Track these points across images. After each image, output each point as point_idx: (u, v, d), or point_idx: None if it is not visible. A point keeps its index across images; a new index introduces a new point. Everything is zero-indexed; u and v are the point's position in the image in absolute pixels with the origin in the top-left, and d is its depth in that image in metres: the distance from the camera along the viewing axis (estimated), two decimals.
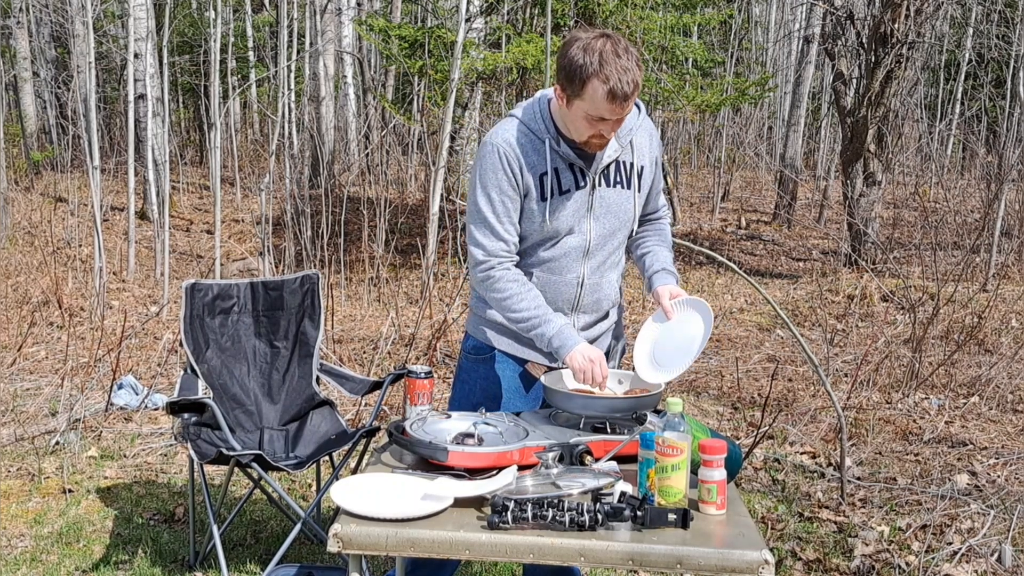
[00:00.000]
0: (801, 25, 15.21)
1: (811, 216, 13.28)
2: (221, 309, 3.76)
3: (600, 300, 2.66)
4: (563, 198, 2.51)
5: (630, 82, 2.30)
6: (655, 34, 9.76)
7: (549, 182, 2.49)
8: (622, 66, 2.29)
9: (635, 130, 2.56)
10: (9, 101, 15.36)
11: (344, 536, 1.94)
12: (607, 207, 2.56)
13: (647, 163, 2.61)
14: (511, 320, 2.56)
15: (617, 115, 2.35)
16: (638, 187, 2.60)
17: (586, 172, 2.52)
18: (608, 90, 2.28)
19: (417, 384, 2.45)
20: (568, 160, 2.50)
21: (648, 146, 2.61)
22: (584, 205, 2.53)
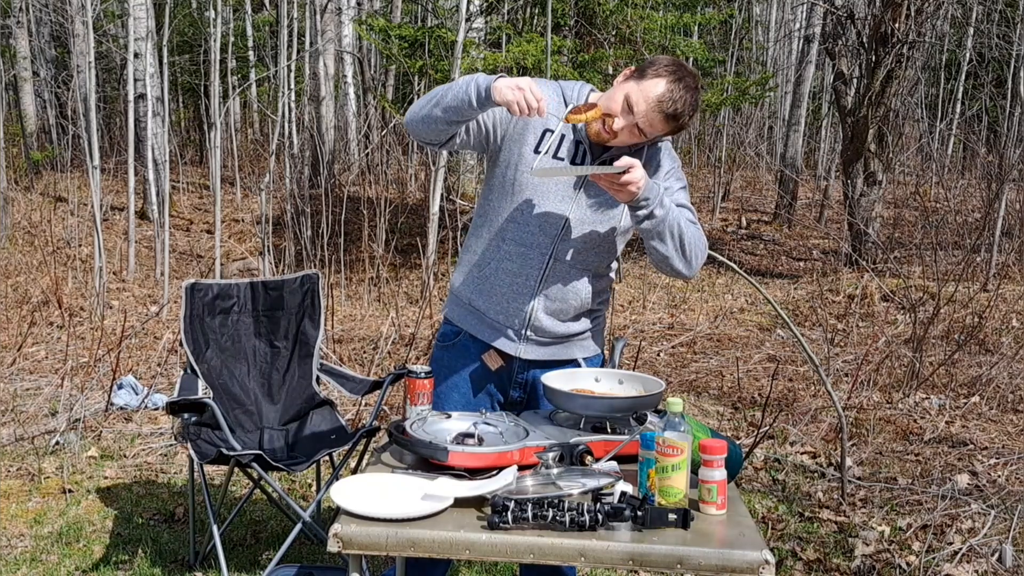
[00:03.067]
0: (801, 25, 15.20)
1: (811, 216, 13.27)
2: (221, 309, 3.76)
3: (568, 295, 2.55)
4: (555, 162, 2.49)
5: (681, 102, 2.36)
6: (655, 34, 9.76)
7: (550, 140, 2.48)
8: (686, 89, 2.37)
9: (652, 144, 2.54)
10: (9, 101, 15.36)
11: (344, 536, 1.93)
12: (596, 197, 2.50)
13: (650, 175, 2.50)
14: (441, 97, 2.40)
15: (647, 119, 2.37)
16: None
17: (589, 155, 2.49)
18: (660, 93, 2.35)
19: (417, 384, 2.44)
20: (579, 136, 2.49)
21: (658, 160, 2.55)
22: (578, 182, 2.50)
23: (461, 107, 2.35)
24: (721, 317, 7.72)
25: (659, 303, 8.32)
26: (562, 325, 2.59)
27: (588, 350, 2.69)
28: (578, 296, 2.56)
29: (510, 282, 2.54)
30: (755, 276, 9.55)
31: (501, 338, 2.59)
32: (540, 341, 2.60)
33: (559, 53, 9.09)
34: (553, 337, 2.60)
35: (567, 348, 2.64)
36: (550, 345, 2.61)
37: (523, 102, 2.26)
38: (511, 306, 2.56)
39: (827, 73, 15.97)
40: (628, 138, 2.45)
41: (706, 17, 11.24)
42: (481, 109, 2.35)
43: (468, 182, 11.44)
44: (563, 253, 2.51)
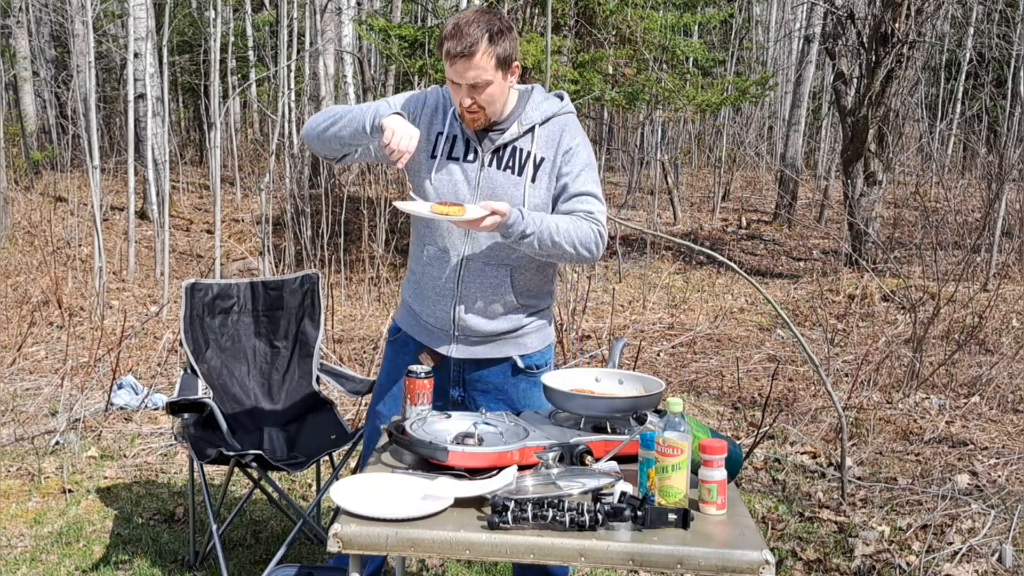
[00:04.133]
0: (802, 24, 15.20)
1: (812, 216, 13.27)
2: (221, 309, 3.76)
3: (488, 294, 2.60)
4: (450, 164, 2.58)
5: (462, 41, 2.39)
6: (656, 33, 9.76)
7: (442, 144, 2.59)
8: (463, 29, 2.40)
9: (545, 120, 2.57)
10: (9, 100, 15.36)
11: (344, 536, 1.93)
12: (493, 189, 2.56)
13: (550, 156, 2.57)
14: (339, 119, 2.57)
15: (462, 78, 2.42)
16: (531, 177, 2.56)
17: (479, 150, 2.57)
18: (446, 50, 2.41)
19: (417, 384, 2.44)
20: (467, 135, 2.57)
21: (557, 140, 2.57)
22: (473, 181, 2.57)
23: (357, 132, 2.53)
24: (721, 317, 7.72)
25: (659, 303, 8.32)
26: (489, 323, 2.63)
27: (525, 347, 2.69)
28: (499, 293, 2.60)
29: (433, 285, 2.64)
30: (755, 276, 9.55)
31: (434, 339, 2.68)
32: (470, 340, 2.65)
33: (559, 53, 9.09)
34: (483, 336, 2.64)
35: (500, 346, 2.66)
36: (481, 344, 2.65)
37: (390, 148, 2.42)
38: (438, 308, 2.64)
39: (827, 73, 15.97)
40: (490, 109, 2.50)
41: (706, 17, 11.25)
42: (373, 138, 2.52)
43: None
44: (475, 252, 2.58)
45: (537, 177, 2.57)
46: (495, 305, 2.62)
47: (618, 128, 16.17)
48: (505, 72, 2.48)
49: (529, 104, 2.60)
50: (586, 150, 2.60)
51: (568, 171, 2.56)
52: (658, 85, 9.76)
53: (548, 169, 2.57)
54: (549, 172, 2.57)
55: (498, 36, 2.43)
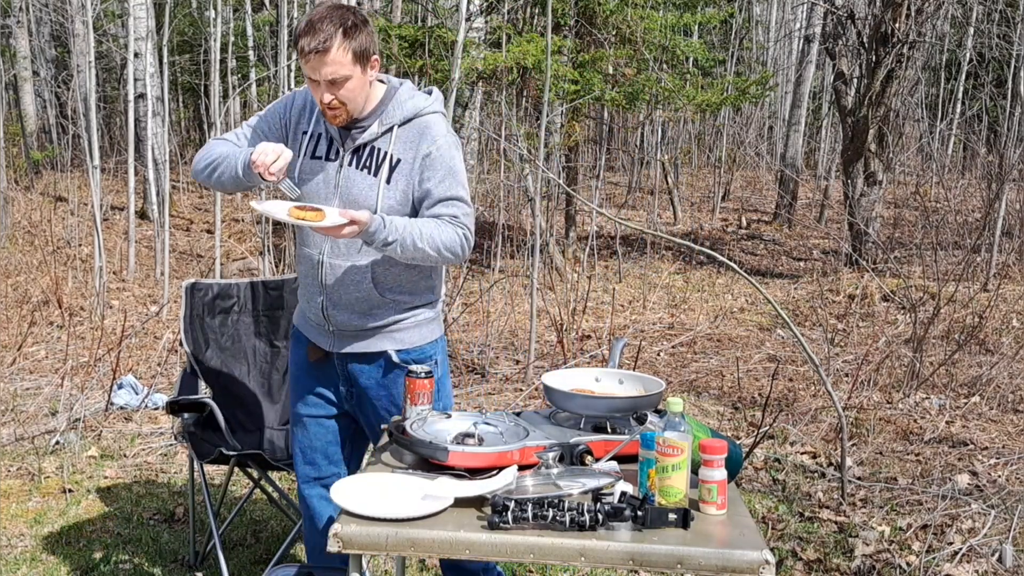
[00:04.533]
0: (802, 24, 15.20)
1: (812, 216, 13.27)
2: (221, 309, 3.76)
3: (350, 290, 2.60)
4: (314, 164, 2.59)
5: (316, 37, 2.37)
6: (656, 33, 9.76)
7: (306, 143, 2.60)
8: (316, 25, 2.39)
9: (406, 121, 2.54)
10: (9, 100, 15.35)
11: (344, 536, 1.93)
12: (350, 188, 2.55)
13: (408, 159, 2.53)
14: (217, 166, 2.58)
15: (319, 74, 2.41)
16: (387, 178, 2.52)
17: (341, 149, 2.57)
18: (300, 47, 2.40)
19: (417, 384, 2.44)
20: (331, 133, 2.58)
21: (416, 143, 2.53)
22: (331, 180, 2.57)
23: (237, 180, 2.54)
24: (721, 317, 7.72)
25: (659, 303, 8.32)
26: (360, 318, 2.63)
27: (401, 342, 2.65)
28: (362, 291, 2.59)
29: (306, 283, 2.68)
30: (755, 276, 9.55)
31: (315, 334, 2.71)
32: (344, 335, 2.65)
33: (559, 53, 9.09)
34: (356, 330, 2.64)
35: (375, 340, 2.65)
36: (355, 339, 2.65)
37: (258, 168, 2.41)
38: (312, 304, 2.67)
39: (827, 73, 15.96)
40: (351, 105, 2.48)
41: (706, 17, 11.25)
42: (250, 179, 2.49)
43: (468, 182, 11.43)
44: (334, 250, 2.58)
45: (393, 179, 2.53)
46: (360, 302, 2.61)
47: (618, 128, 16.17)
48: (364, 66, 2.46)
49: (392, 102, 2.56)
50: (449, 152, 2.54)
51: (430, 176, 2.52)
52: (658, 85, 9.76)
53: (406, 171, 2.53)
54: (407, 174, 2.53)
55: (353, 30, 2.41)
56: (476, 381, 5.79)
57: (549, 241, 8.83)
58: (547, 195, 9.66)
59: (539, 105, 7.81)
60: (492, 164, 11.39)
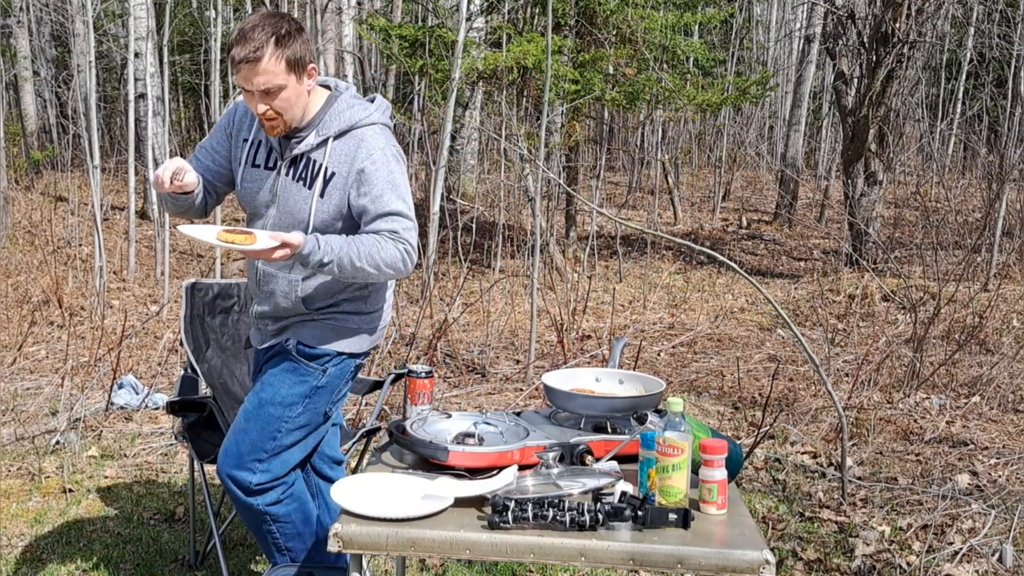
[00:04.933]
0: (802, 24, 15.20)
1: (812, 216, 13.28)
2: (221, 308, 3.75)
3: (277, 296, 2.60)
4: (253, 172, 2.57)
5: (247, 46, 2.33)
6: (656, 33, 9.75)
7: (247, 151, 2.58)
8: (247, 34, 2.35)
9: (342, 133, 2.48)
10: (9, 100, 15.36)
11: (344, 536, 1.93)
12: (286, 199, 2.52)
13: (342, 172, 2.46)
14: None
15: (251, 84, 2.36)
16: (320, 192, 2.46)
17: (279, 158, 2.54)
18: (232, 56, 2.35)
19: (418, 384, 2.44)
20: (270, 141, 2.55)
21: (352, 156, 2.47)
22: (270, 190, 2.55)
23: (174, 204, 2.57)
24: (721, 317, 7.72)
25: (659, 303, 8.32)
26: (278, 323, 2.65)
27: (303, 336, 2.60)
28: (288, 298, 2.59)
29: (251, 286, 2.70)
30: (755, 276, 9.55)
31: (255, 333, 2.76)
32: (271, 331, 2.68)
33: (560, 53, 9.09)
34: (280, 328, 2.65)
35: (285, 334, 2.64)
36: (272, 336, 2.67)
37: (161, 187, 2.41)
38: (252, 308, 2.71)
39: (828, 73, 15.97)
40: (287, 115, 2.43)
41: (706, 17, 11.24)
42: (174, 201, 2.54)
43: (468, 182, 11.44)
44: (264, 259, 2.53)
45: (327, 192, 2.47)
46: (288, 313, 2.62)
47: (618, 128, 16.18)
48: (299, 75, 2.41)
49: (330, 112, 2.50)
50: (386, 166, 2.48)
51: (367, 191, 2.45)
52: (658, 85, 9.76)
53: (340, 185, 2.47)
54: (341, 188, 2.47)
55: (287, 38, 2.36)
56: (476, 381, 5.79)
57: (549, 241, 8.83)
58: (547, 195, 9.66)
59: (539, 105, 7.81)
60: (492, 164, 11.40)
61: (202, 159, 2.65)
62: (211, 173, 2.64)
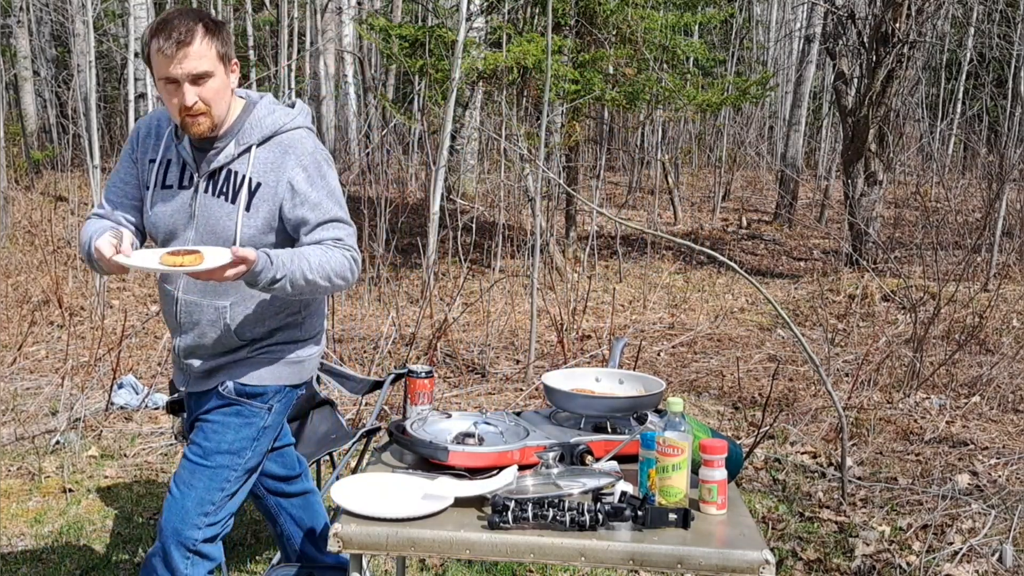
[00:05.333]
0: (802, 24, 15.20)
1: (812, 216, 13.28)
2: None
3: (206, 330, 2.37)
4: (165, 194, 2.35)
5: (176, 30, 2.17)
6: (656, 33, 9.75)
7: (155, 172, 2.37)
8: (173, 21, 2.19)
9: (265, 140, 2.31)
10: (9, 100, 15.36)
11: (344, 536, 1.93)
12: (206, 217, 2.31)
13: (270, 182, 2.28)
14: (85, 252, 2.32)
15: (181, 68, 2.16)
16: (246, 205, 2.28)
17: (195, 175, 2.33)
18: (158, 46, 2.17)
19: (418, 384, 2.44)
20: (183, 156, 2.34)
21: (279, 164, 2.29)
22: (186, 211, 2.33)
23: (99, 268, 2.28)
24: (721, 317, 7.72)
25: (659, 303, 8.32)
26: (210, 361, 2.42)
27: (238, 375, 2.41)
28: (216, 327, 2.37)
29: (168, 321, 2.45)
30: (755, 276, 9.55)
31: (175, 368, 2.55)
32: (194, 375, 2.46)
33: (559, 53, 9.09)
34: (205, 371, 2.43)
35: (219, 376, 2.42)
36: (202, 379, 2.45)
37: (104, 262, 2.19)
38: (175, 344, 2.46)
39: (828, 73, 15.97)
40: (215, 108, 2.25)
41: (706, 17, 11.24)
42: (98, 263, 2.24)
43: (468, 182, 11.45)
44: (191, 285, 2.36)
45: (253, 205, 2.28)
46: (217, 345, 2.39)
47: (618, 128, 16.18)
48: (226, 67, 2.26)
49: (250, 119, 2.32)
50: (319, 171, 2.31)
51: (303, 201, 2.28)
52: (658, 85, 9.76)
53: (268, 196, 2.29)
54: (270, 200, 2.28)
55: (214, 27, 2.23)
56: (476, 381, 5.79)
57: (549, 241, 8.83)
58: (547, 195, 9.66)
59: (539, 105, 7.81)
60: (492, 164, 11.40)
61: (115, 199, 2.43)
62: (131, 211, 2.43)
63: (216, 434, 2.39)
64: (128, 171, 2.43)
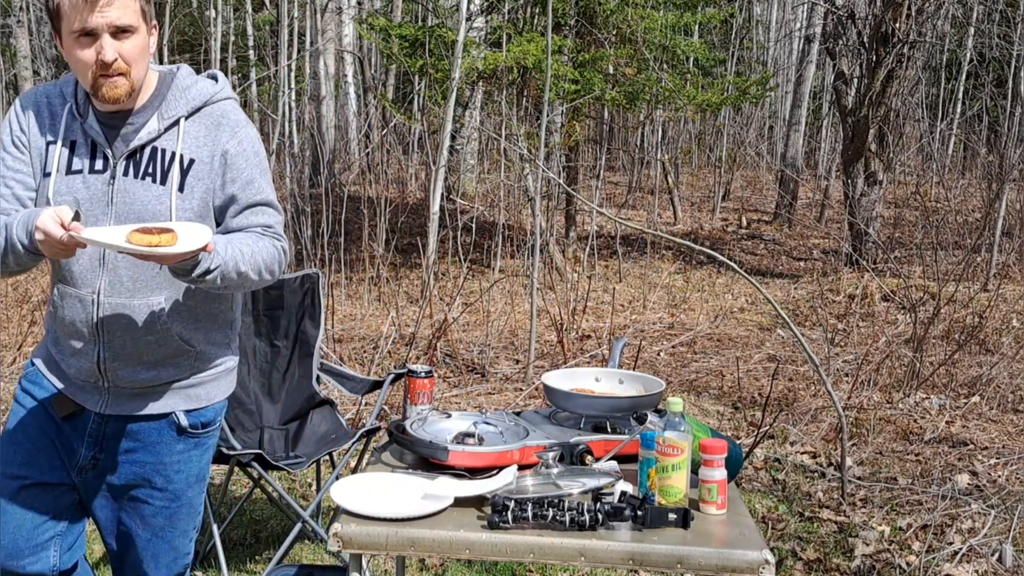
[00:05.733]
0: (802, 24, 15.20)
1: (812, 216, 13.28)
2: None
3: (139, 333, 2.03)
4: (71, 180, 2.00)
5: None
6: (656, 33, 9.76)
7: (56, 155, 2.01)
8: None
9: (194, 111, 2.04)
10: (9, 100, 15.35)
11: (344, 536, 1.93)
12: (129, 204, 2.00)
13: (204, 158, 2.02)
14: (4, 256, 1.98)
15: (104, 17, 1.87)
16: (179, 185, 1.99)
17: (109, 155, 2.01)
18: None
19: (417, 383, 2.44)
20: (91, 136, 2.01)
21: (213, 137, 2.03)
22: (102, 198, 2.00)
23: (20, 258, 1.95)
24: (721, 317, 7.72)
25: (659, 303, 8.32)
26: (149, 371, 2.08)
27: (195, 400, 2.14)
28: (153, 331, 2.04)
29: (70, 332, 2.07)
30: (755, 276, 9.55)
31: (78, 391, 2.12)
32: (123, 393, 2.10)
33: (559, 53, 9.09)
34: (141, 388, 2.09)
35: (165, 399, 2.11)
36: (136, 398, 2.10)
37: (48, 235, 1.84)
38: (80, 359, 2.07)
39: (828, 73, 15.97)
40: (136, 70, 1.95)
41: (706, 16, 11.25)
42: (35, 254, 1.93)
43: (468, 181, 11.45)
44: (115, 285, 2.02)
45: (187, 185, 2.01)
46: (152, 350, 2.06)
47: (618, 128, 16.18)
48: (148, 27, 1.97)
49: (172, 91, 2.03)
50: (253, 146, 2.08)
51: (234, 177, 2.04)
52: (658, 85, 9.76)
53: (203, 174, 2.02)
54: (206, 178, 2.02)
55: None
56: (476, 381, 5.79)
57: (549, 241, 8.83)
58: (547, 195, 9.66)
59: (539, 105, 7.81)
60: (492, 164, 11.40)
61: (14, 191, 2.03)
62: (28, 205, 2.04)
63: (180, 473, 2.16)
64: (17, 159, 2.04)
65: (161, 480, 2.15)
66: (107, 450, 2.14)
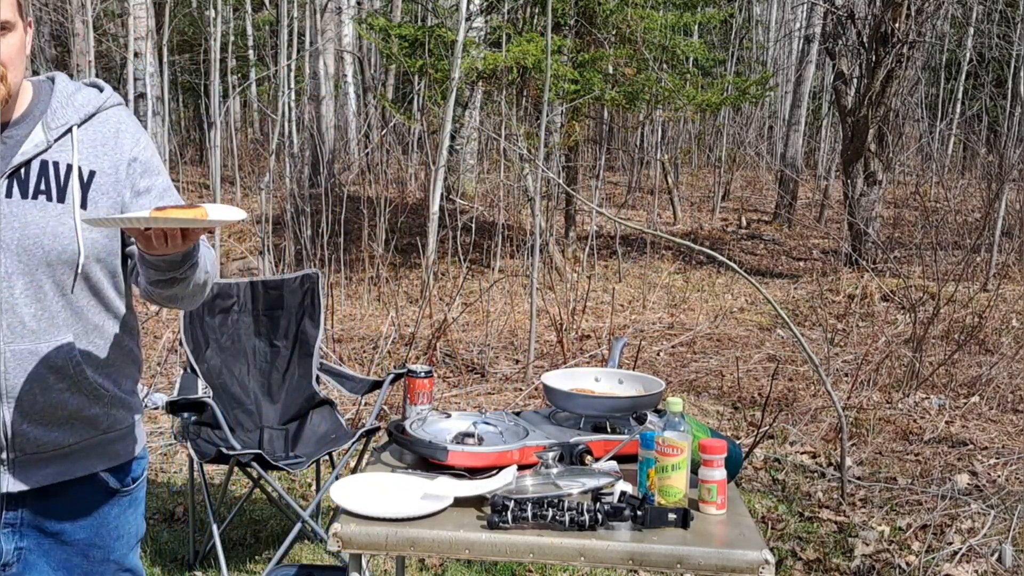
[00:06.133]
0: (802, 24, 15.20)
1: (812, 216, 13.28)
2: (221, 308, 3.76)
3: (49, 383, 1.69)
4: None
5: None
6: (656, 33, 9.76)
7: None
8: None
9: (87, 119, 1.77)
10: None
11: (344, 536, 1.93)
12: (24, 228, 1.68)
13: (106, 168, 1.75)
14: None
15: None
16: (81, 201, 1.71)
17: None
18: None
19: (417, 383, 2.44)
20: None
21: (113, 145, 1.77)
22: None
23: None
24: (721, 317, 7.72)
25: (659, 303, 8.32)
26: (61, 430, 1.74)
27: (114, 455, 1.84)
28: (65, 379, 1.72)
29: None
30: (755, 276, 9.55)
31: None
32: (32, 461, 1.74)
33: (559, 53, 9.09)
34: (51, 451, 1.74)
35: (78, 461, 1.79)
36: (48, 464, 1.75)
37: None
38: None
39: (827, 73, 15.97)
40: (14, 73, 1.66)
41: (706, 17, 11.25)
42: None
43: (468, 182, 11.45)
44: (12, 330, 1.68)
45: (90, 199, 1.73)
46: (63, 403, 1.73)
47: (618, 128, 16.18)
48: (25, 25, 1.70)
49: (55, 98, 1.76)
50: (155, 155, 1.85)
51: (150, 186, 1.80)
52: (658, 85, 9.76)
53: (108, 186, 1.75)
54: (112, 189, 1.75)
55: None
56: (476, 381, 5.79)
57: (549, 241, 8.83)
58: (547, 195, 9.66)
59: (539, 105, 7.81)
60: (492, 164, 11.41)
61: None
62: None
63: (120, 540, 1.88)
64: None
65: (100, 553, 1.85)
66: (28, 536, 1.78)
